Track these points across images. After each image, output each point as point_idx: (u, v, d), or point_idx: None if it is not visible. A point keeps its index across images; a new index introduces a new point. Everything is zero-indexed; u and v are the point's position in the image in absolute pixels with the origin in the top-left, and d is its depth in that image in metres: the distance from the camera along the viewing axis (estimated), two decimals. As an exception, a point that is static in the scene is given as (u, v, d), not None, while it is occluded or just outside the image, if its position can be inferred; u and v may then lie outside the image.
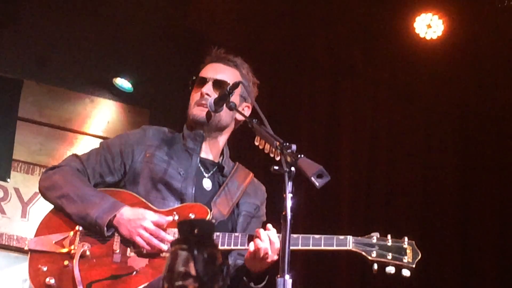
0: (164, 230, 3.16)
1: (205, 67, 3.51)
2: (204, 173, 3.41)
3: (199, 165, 3.40)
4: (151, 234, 3.13)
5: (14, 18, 5.78)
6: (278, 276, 2.46)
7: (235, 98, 3.35)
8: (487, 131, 6.67)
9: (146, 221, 3.14)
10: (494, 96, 6.63)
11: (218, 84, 3.38)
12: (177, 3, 6.09)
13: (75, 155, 3.45)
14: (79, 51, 5.96)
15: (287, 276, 2.45)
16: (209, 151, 3.45)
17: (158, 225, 3.15)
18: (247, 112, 3.44)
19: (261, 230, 3.14)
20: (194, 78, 3.48)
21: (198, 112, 3.37)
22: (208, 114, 3.35)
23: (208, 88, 3.38)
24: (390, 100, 6.59)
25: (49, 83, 5.94)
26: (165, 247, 3.14)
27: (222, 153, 3.50)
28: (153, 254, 3.16)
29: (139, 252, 3.16)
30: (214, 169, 3.45)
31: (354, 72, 6.49)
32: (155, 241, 3.13)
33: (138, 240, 3.14)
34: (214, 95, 3.36)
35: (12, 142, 5.68)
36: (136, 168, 3.34)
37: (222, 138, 3.48)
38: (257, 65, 3.66)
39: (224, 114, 3.38)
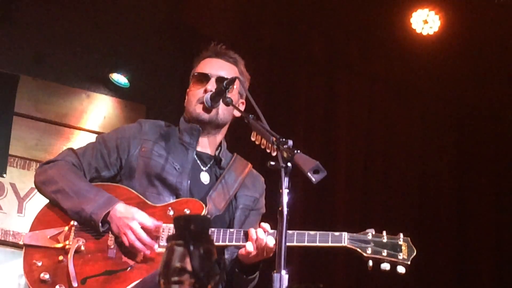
0: (151, 233, 3.13)
1: (203, 62, 3.46)
2: (202, 167, 3.38)
3: (196, 158, 3.37)
4: (135, 237, 3.11)
5: (11, 13, 5.77)
6: (275, 271, 2.46)
7: (233, 94, 3.35)
8: (483, 126, 6.69)
9: (134, 222, 3.11)
10: (490, 92, 6.64)
11: (221, 81, 3.28)
12: (173, -2, 6.09)
13: (71, 149, 3.42)
14: (75, 46, 5.95)
15: (283, 272, 2.45)
16: (206, 145, 3.42)
17: (144, 228, 3.12)
18: (242, 108, 3.42)
19: (252, 230, 3.13)
20: (195, 74, 3.42)
21: (201, 110, 3.33)
22: (211, 113, 3.32)
23: (211, 85, 3.34)
24: (386, 96, 6.60)
25: (45, 79, 5.93)
26: (147, 251, 3.11)
27: (219, 146, 3.47)
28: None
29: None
30: (212, 162, 3.41)
31: (351, 67, 6.49)
32: (138, 244, 3.11)
33: (124, 239, 3.12)
34: None
35: (8, 137, 5.67)
36: (132, 163, 3.32)
37: (220, 134, 3.45)
38: (253, 60, 3.65)
39: (225, 112, 3.35)
